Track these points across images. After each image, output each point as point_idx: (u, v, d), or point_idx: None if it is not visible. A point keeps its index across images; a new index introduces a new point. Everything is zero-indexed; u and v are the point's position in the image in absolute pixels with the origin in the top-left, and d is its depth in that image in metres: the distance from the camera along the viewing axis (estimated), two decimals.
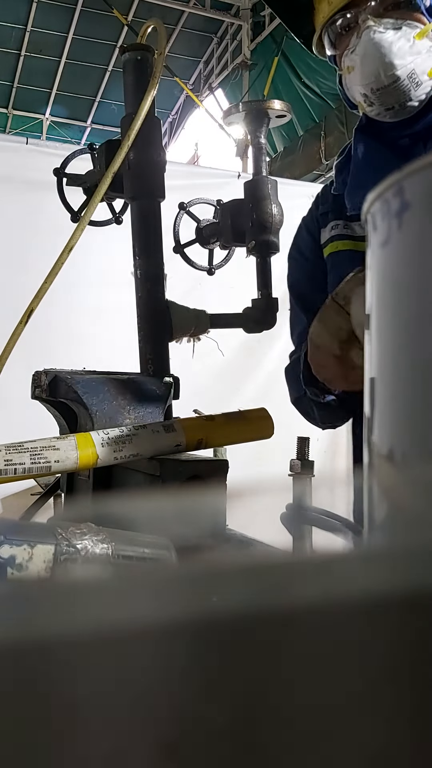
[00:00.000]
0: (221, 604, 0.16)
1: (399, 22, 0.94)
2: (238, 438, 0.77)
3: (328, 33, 1.02)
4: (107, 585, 0.17)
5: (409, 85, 0.95)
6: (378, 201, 0.27)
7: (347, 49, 0.98)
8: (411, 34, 0.94)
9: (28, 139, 2.94)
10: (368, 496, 0.29)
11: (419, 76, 0.95)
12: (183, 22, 7.56)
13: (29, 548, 0.47)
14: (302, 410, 1.12)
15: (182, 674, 0.16)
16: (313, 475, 1.17)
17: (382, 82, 0.95)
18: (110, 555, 0.49)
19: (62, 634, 0.15)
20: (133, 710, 0.15)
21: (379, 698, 0.17)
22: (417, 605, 0.17)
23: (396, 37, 0.93)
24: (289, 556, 0.22)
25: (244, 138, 6.39)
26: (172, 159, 3.65)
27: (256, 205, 0.97)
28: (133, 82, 0.95)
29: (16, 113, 9.12)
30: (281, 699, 0.16)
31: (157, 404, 0.85)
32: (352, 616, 0.17)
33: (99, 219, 1.03)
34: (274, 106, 0.97)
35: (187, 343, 1.02)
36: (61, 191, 1.04)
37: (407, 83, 0.95)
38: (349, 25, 0.98)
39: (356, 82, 0.99)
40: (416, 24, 0.94)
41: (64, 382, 0.81)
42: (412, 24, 0.94)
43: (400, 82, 0.94)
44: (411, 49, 0.93)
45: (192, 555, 0.55)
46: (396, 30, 0.94)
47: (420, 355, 0.25)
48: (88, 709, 0.15)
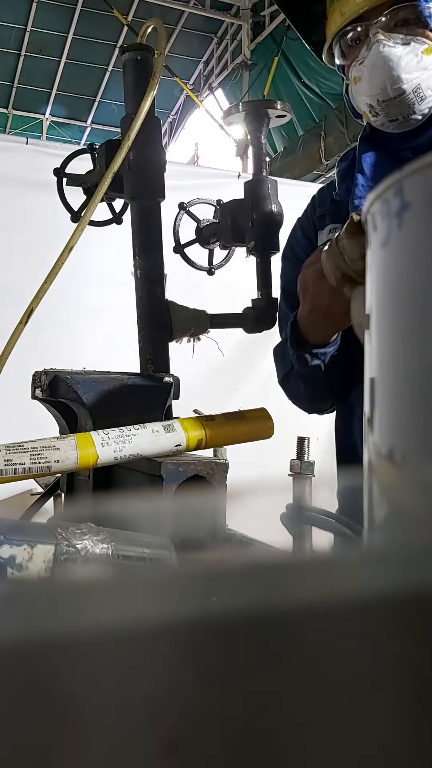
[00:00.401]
0: (221, 604, 0.16)
1: (408, 38, 0.97)
2: (238, 438, 0.77)
3: (339, 43, 1.04)
4: (107, 585, 0.17)
5: (414, 99, 0.98)
6: (378, 201, 0.27)
7: (356, 60, 1.01)
8: (419, 49, 0.96)
9: (28, 139, 2.94)
10: (368, 496, 0.29)
11: (424, 91, 0.97)
12: (183, 22, 7.56)
13: (29, 548, 0.47)
14: (289, 391, 1.13)
15: (182, 674, 0.16)
16: (313, 475, 1.17)
17: (388, 95, 0.98)
18: (110, 555, 0.49)
19: (62, 634, 0.15)
20: (133, 710, 0.15)
21: (380, 698, 0.17)
22: (417, 605, 0.17)
23: (404, 52, 0.96)
24: (289, 556, 0.22)
25: (244, 138, 6.40)
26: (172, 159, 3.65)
27: (256, 205, 0.97)
28: (133, 82, 0.95)
29: (16, 113, 9.12)
30: (281, 699, 0.16)
31: (157, 404, 0.85)
32: (352, 616, 0.17)
33: (99, 219, 1.03)
34: (274, 106, 0.98)
35: (187, 343, 1.02)
36: (61, 191, 1.04)
37: (412, 97, 0.97)
38: (360, 37, 1.01)
39: (363, 92, 1.01)
40: (425, 40, 0.97)
41: (64, 382, 0.81)
42: (421, 40, 0.97)
43: (406, 96, 0.97)
44: (418, 64, 0.96)
45: (192, 555, 0.55)
46: (405, 45, 0.96)
47: (420, 355, 0.25)
48: (88, 710, 0.15)
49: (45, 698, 0.15)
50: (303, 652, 0.16)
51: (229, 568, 0.17)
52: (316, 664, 0.17)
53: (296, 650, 0.16)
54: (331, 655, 0.17)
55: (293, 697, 0.16)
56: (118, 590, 0.16)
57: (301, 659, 0.16)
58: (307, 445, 1.21)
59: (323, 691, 0.17)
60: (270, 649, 0.16)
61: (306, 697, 0.16)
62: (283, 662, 0.16)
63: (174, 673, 0.16)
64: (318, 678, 0.17)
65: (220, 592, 0.16)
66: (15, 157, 2.79)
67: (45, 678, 0.15)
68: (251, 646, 0.16)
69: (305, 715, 0.16)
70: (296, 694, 0.16)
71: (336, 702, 0.17)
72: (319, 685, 0.17)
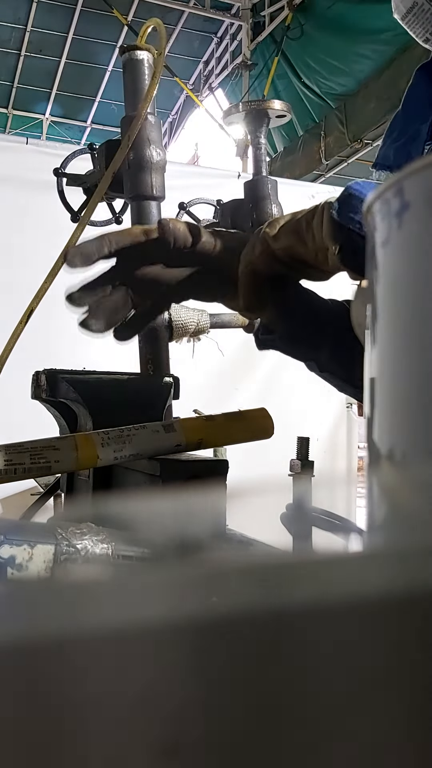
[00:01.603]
0: (221, 604, 0.16)
1: None
2: (238, 438, 0.77)
3: None
4: (107, 585, 0.17)
5: None
6: (378, 201, 0.27)
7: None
8: None
9: (28, 139, 2.95)
10: (368, 496, 0.29)
11: None
12: (183, 22, 7.56)
13: (29, 548, 0.47)
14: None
15: (182, 674, 0.16)
16: (313, 475, 1.17)
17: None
18: (110, 555, 0.49)
19: (61, 634, 0.15)
20: (133, 710, 0.15)
21: (379, 699, 0.17)
22: (417, 605, 0.17)
23: None
24: (289, 556, 0.22)
25: (244, 138, 6.39)
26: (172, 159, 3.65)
27: (256, 205, 0.97)
28: (133, 82, 0.95)
29: (16, 113, 9.12)
30: (281, 699, 0.16)
31: (157, 404, 0.85)
32: (352, 617, 0.17)
33: (99, 219, 1.03)
34: (274, 106, 0.98)
35: (187, 343, 1.02)
36: (61, 191, 1.04)
37: None
38: None
39: None
40: None
41: (64, 382, 0.81)
42: None
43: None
44: None
45: (192, 555, 0.55)
46: None
47: (420, 355, 0.25)
48: (88, 709, 0.15)
49: (44, 698, 0.15)
50: (303, 653, 0.16)
51: (229, 568, 0.17)
52: (316, 665, 0.17)
53: (297, 651, 0.16)
54: (331, 655, 0.17)
55: (293, 697, 0.16)
56: (118, 590, 0.16)
57: (302, 660, 0.16)
58: (307, 445, 1.21)
59: (324, 691, 0.17)
60: (270, 649, 0.16)
61: (306, 698, 0.16)
62: (284, 663, 0.16)
63: (173, 674, 0.16)
64: (318, 678, 0.17)
65: (220, 592, 0.16)
66: (15, 157, 2.79)
67: (44, 678, 0.15)
68: (251, 647, 0.16)
69: (305, 715, 0.16)
70: (296, 694, 0.16)
71: (337, 703, 0.17)
72: (320, 686, 0.17)
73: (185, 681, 0.16)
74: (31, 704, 0.15)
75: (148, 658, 0.15)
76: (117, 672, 0.15)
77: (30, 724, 0.15)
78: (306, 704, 0.16)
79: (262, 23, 7.11)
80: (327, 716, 0.17)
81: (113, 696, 0.15)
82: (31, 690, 0.15)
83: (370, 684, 0.17)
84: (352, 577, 0.18)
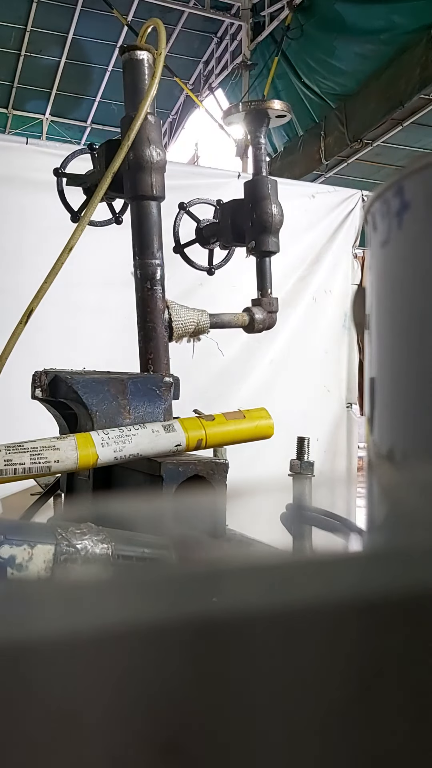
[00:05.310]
0: (221, 604, 0.16)
1: None
2: (238, 438, 0.77)
3: None
4: (107, 585, 0.17)
5: None
6: (378, 201, 0.27)
7: None
8: None
9: (28, 139, 2.94)
10: (368, 496, 0.29)
11: None
12: (183, 22, 7.55)
13: (29, 548, 0.47)
14: None
15: (181, 674, 0.16)
16: (313, 475, 1.17)
17: None
18: (110, 555, 0.49)
19: (61, 634, 0.15)
20: (133, 710, 0.15)
21: (378, 698, 0.17)
22: (416, 605, 0.17)
23: None
24: (289, 556, 0.22)
25: (244, 138, 6.39)
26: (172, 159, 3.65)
27: (256, 205, 0.97)
28: (133, 82, 0.95)
29: (16, 113, 9.11)
30: (281, 699, 0.16)
31: (157, 404, 0.85)
32: (352, 616, 0.17)
33: (99, 219, 1.03)
34: (274, 106, 0.98)
35: (187, 343, 1.02)
36: (61, 191, 1.04)
37: None
38: None
39: None
40: None
41: (64, 382, 0.81)
42: None
43: None
44: None
45: (192, 555, 0.55)
46: None
47: (420, 354, 0.25)
48: (88, 709, 0.15)
49: (44, 698, 0.15)
50: (302, 652, 0.16)
51: (229, 568, 0.17)
52: (315, 664, 0.17)
53: (295, 650, 0.16)
54: (330, 654, 0.17)
55: (293, 697, 0.16)
56: (118, 590, 0.16)
57: (301, 659, 0.16)
58: (307, 445, 1.21)
59: (323, 691, 0.17)
60: (270, 648, 0.16)
61: (306, 698, 0.16)
62: (283, 662, 0.16)
63: (173, 674, 0.16)
64: (318, 678, 0.17)
65: (220, 592, 0.16)
66: (15, 157, 2.79)
67: (44, 678, 0.15)
68: (251, 646, 0.16)
69: (305, 715, 0.16)
70: (296, 694, 0.16)
71: (336, 702, 0.17)
72: (320, 686, 0.17)
73: (184, 680, 0.16)
74: (31, 703, 0.15)
75: (147, 657, 0.15)
76: (116, 672, 0.15)
77: (30, 723, 0.15)
78: (305, 703, 0.16)
79: (262, 23, 7.10)
80: (327, 715, 0.17)
81: (112, 696, 0.15)
82: (30, 689, 0.15)
83: (370, 682, 0.17)
84: (352, 576, 0.18)
